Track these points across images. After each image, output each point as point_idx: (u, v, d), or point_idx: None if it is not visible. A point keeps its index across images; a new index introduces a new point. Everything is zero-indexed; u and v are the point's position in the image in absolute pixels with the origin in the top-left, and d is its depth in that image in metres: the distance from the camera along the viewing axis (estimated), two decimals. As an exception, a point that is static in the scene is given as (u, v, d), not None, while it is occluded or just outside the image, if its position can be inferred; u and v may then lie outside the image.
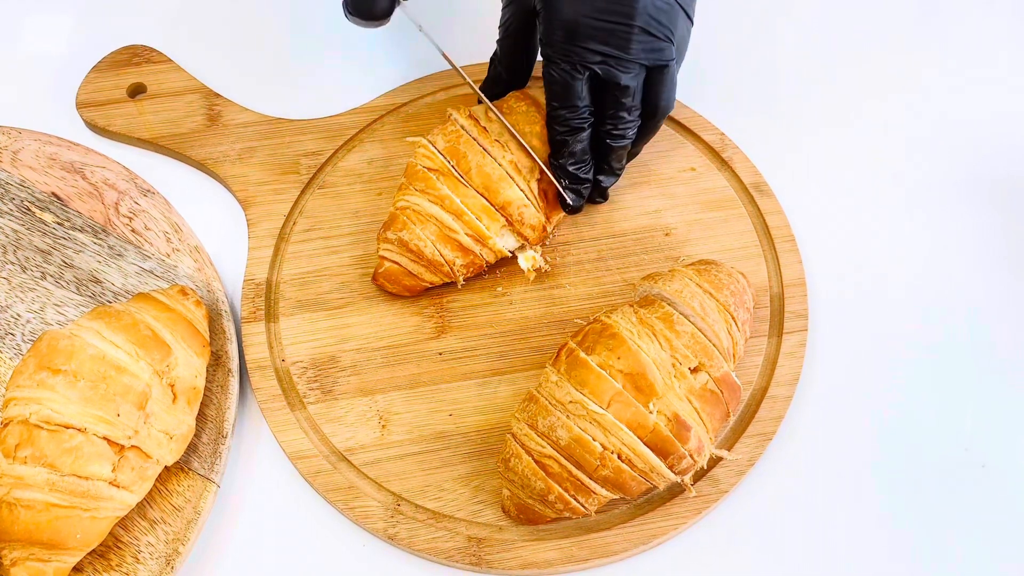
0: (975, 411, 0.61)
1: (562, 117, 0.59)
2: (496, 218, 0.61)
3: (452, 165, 0.61)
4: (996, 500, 0.58)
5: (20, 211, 0.67)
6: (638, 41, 0.57)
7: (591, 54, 0.57)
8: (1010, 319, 0.64)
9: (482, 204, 0.61)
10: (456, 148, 0.61)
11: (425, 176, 0.61)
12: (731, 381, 0.55)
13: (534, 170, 0.62)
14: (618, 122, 0.60)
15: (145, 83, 0.73)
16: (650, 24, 0.57)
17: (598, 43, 0.57)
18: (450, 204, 0.60)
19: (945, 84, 0.75)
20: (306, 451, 0.59)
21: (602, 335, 0.54)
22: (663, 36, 0.58)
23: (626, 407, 0.52)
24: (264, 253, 0.66)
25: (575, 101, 0.59)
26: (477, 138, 0.61)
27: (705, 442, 0.54)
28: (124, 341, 0.55)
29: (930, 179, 0.70)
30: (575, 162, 0.61)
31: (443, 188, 0.61)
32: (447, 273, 0.62)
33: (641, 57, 0.57)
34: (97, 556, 0.55)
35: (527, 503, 0.55)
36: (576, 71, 0.58)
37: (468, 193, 0.61)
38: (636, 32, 0.57)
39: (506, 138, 0.62)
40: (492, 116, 0.62)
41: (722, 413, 0.55)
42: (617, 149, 0.62)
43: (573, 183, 0.62)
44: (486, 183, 0.61)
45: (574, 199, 0.63)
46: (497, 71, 0.66)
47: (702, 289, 0.57)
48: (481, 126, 0.62)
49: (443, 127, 0.63)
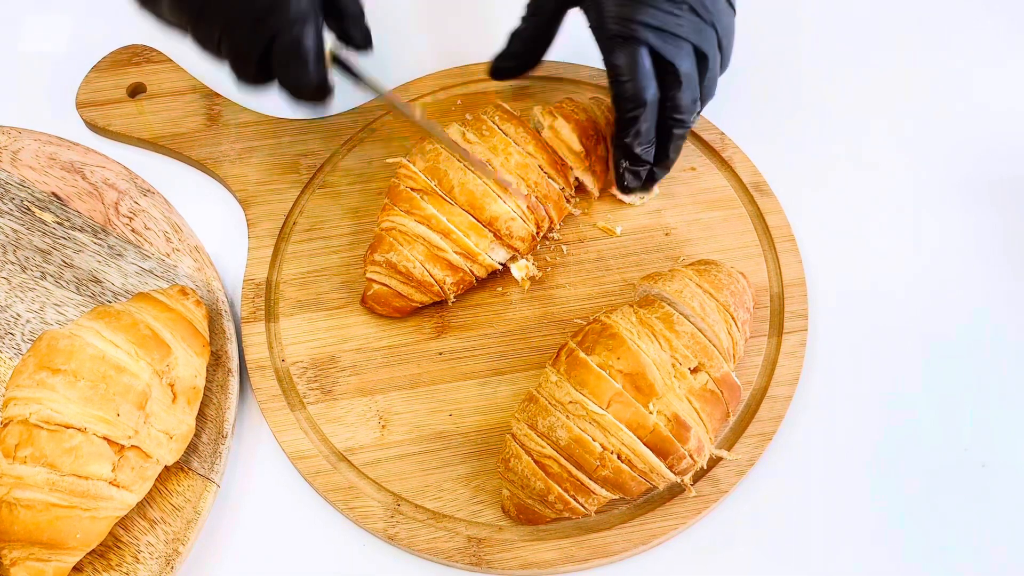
0: (975, 411, 0.61)
1: (631, 91, 0.58)
2: (484, 234, 0.61)
3: (434, 184, 0.61)
4: (996, 500, 0.58)
5: (20, 211, 0.67)
6: (687, 19, 0.57)
7: (645, 29, 0.57)
8: (1010, 319, 0.64)
9: (469, 221, 0.60)
10: (436, 167, 0.61)
11: (409, 196, 0.61)
12: (731, 381, 0.55)
13: (522, 184, 0.61)
14: (679, 104, 0.59)
15: (145, 83, 0.73)
16: (696, 3, 0.57)
17: (651, 18, 0.57)
18: (437, 223, 0.60)
19: (945, 84, 0.75)
20: (306, 451, 0.59)
21: (602, 335, 0.54)
22: (708, 20, 0.58)
23: (626, 407, 0.52)
24: (264, 253, 0.66)
25: (643, 76, 0.57)
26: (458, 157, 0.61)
27: (705, 442, 0.54)
28: (124, 341, 0.55)
29: (930, 179, 0.70)
30: (641, 141, 0.60)
31: (428, 207, 0.60)
32: (437, 292, 0.62)
33: (691, 36, 0.57)
34: (97, 556, 0.55)
35: (527, 503, 0.55)
36: (637, 45, 0.57)
37: (454, 211, 0.60)
38: (685, 10, 0.57)
39: (489, 156, 0.61)
40: (471, 138, 0.62)
41: (722, 413, 0.54)
42: (676, 136, 0.61)
43: (635, 164, 0.62)
44: (471, 200, 0.60)
45: (632, 180, 0.63)
46: (514, 47, 0.66)
47: (702, 289, 0.57)
48: (461, 148, 0.62)
49: (421, 146, 0.63)
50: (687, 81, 0.58)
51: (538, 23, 0.64)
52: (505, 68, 0.67)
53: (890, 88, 0.75)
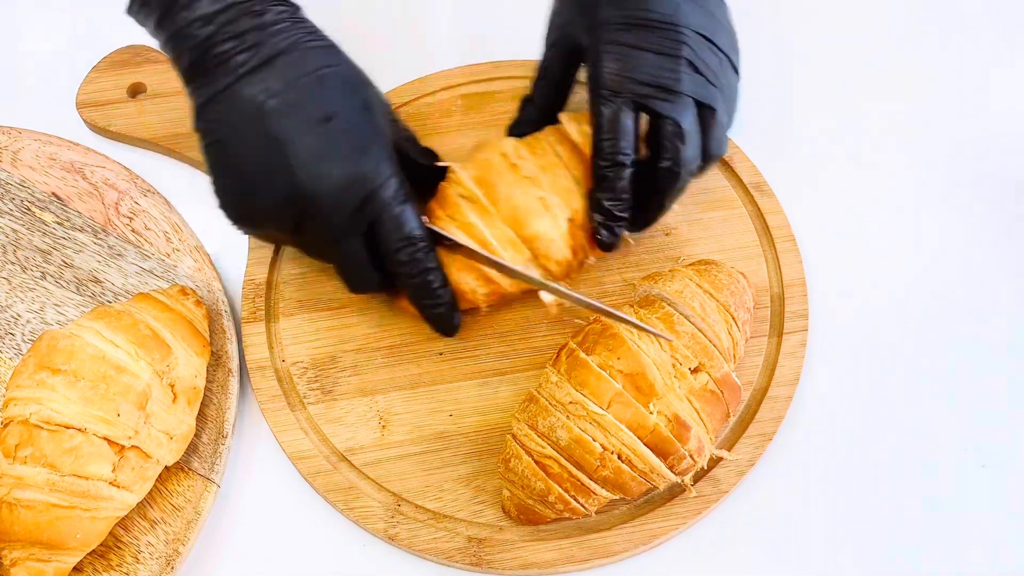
0: (975, 411, 0.61)
1: (607, 150, 0.57)
2: (522, 251, 0.59)
3: (481, 194, 0.60)
4: (996, 500, 0.58)
5: (20, 211, 0.67)
6: (686, 75, 0.56)
7: (641, 87, 0.56)
8: (1011, 319, 0.64)
9: (509, 236, 0.59)
10: (486, 178, 0.60)
11: (454, 202, 0.60)
12: (731, 381, 0.55)
13: (565, 208, 0.60)
14: (679, 157, 0.57)
15: (145, 83, 0.73)
16: (697, 60, 0.56)
17: (647, 75, 0.56)
18: (477, 233, 0.59)
19: (946, 84, 0.75)
20: (306, 451, 0.59)
21: (602, 335, 0.54)
22: (710, 78, 0.57)
23: (626, 407, 0.52)
24: (264, 253, 0.66)
25: (622, 136, 0.57)
26: (508, 170, 0.60)
27: (705, 442, 0.54)
28: (124, 341, 0.55)
29: (930, 179, 0.70)
30: (613, 199, 0.58)
31: (470, 216, 0.59)
32: (469, 301, 0.61)
33: (690, 90, 0.56)
34: (97, 556, 0.55)
35: (527, 503, 0.55)
36: (626, 105, 0.57)
37: (495, 223, 0.59)
38: (683, 65, 0.56)
39: (538, 175, 0.60)
40: (523, 154, 0.60)
41: (722, 413, 0.54)
42: (672, 190, 0.59)
43: (608, 220, 0.59)
44: (514, 214, 0.59)
45: (607, 236, 0.60)
46: (529, 113, 0.65)
47: (702, 289, 0.57)
48: (511, 162, 0.60)
49: (474, 154, 0.62)
50: (689, 136, 0.57)
51: (550, 86, 0.64)
52: (524, 134, 0.65)
53: (890, 88, 0.75)
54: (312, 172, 0.54)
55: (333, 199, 0.54)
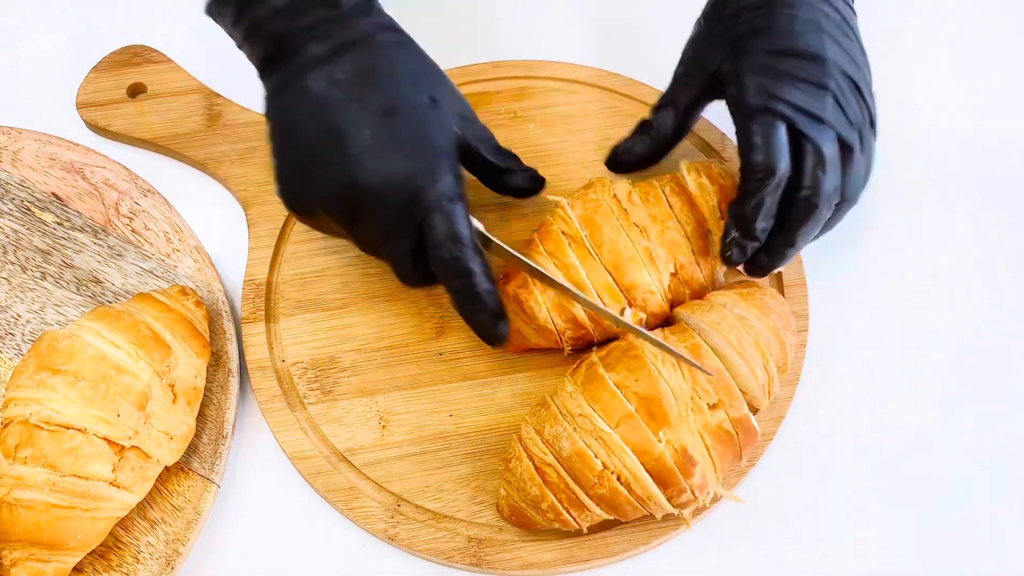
0: (976, 411, 0.61)
1: (762, 161, 0.54)
2: (619, 299, 0.57)
3: (585, 235, 0.58)
4: (996, 500, 0.58)
5: (20, 211, 0.67)
6: (831, 106, 0.55)
7: (787, 107, 0.54)
8: (1011, 319, 0.64)
9: (607, 282, 0.57)
10: (593, 218, 0.58)
11: (558, 239, 0.58)
12: (749, 424, 0.53)
13: (670, 262, 0.58)
14: (819, 185, 0.54)
15: (145, 83, 0.73)
16: (841, 97, 0.55)
17: (794, 98, 0.54)
18: (575, 274, 0.57)
19: (946, 83, 0.75)
20: (306, 451, 0.59)
21: (626, 354, 0.53)
22: (851, 118, 0.55)
23: (634, 430, 0.51)
24: (264, 253, 0.66)
25: (776, 150, 0.54)
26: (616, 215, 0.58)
27: (710, 480, 0.52)
28: (124, 341, 0.55)
29: (931, 178, 0.70)
30: (760, 213, 0.55)
31: (571, 256, 0.58)
32: (555, 341, 0.59)
33: (833, 121, 0.55)
34: (97, 556, 0.55)
35: (520, 506, 0.54)
36: (776, 120, 0.54)
37: (595, 267, 0.57)
38: (829, 96, 0.54)
39: (647, 225, 0.58)
40: (635, 200, 0.59)
41: (734, 455, 0.53)
42: (808, 222, 0.55)
43: (745, 237, 0.56)
44: (616, 261, 0.57)
45: (737, 254, 0.57)
46: (641, 143, 0.62)
47: (750, 314, 0.55)
48: (622, 207, 0.59)
49: (584, 192, 0.60)
50: (830, 165, 0.54)
51: (672, 115, 0.61)
52: (626, 163, 0.63)
53: (890, 88, 0.75)
54: (365, 166, 0.53)
55: (382, 194, 0.53)
